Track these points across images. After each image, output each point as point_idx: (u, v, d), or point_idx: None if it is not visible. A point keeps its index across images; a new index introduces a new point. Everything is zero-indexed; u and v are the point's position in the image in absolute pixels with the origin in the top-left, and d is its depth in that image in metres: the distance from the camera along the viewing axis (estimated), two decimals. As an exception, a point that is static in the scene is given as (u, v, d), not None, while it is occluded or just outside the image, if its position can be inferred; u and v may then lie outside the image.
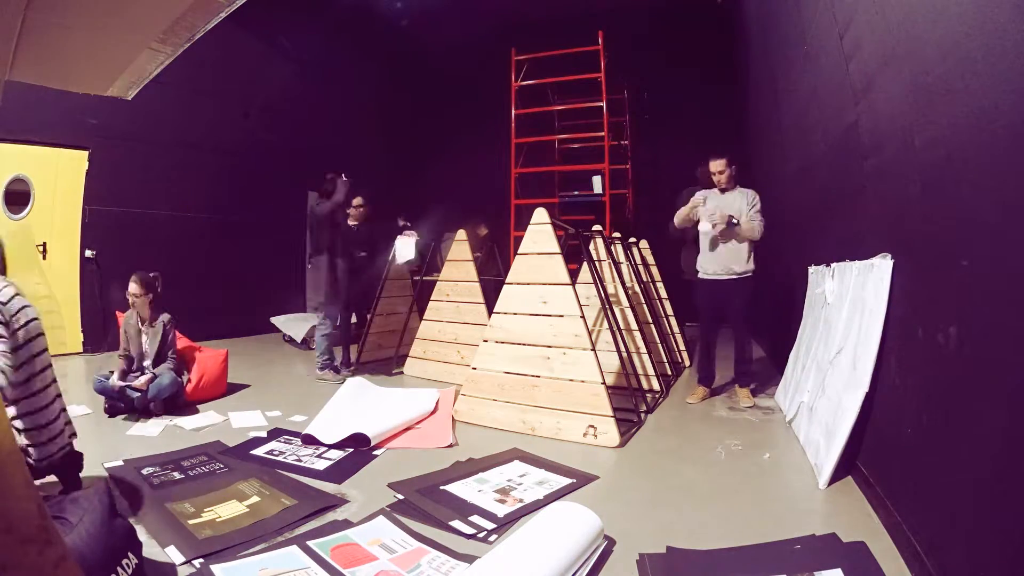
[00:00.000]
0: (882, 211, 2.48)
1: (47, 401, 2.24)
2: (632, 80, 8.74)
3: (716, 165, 3.98)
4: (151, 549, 1.92)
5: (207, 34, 1.56)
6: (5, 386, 2.07)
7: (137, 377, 3.74)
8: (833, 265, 3.48)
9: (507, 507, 2.36)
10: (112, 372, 3.76)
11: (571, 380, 3.37)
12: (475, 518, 2.24)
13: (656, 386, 4.51)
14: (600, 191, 7.52)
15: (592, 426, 3.25)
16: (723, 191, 4.01)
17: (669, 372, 5.05)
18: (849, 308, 2.88)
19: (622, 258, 4.99)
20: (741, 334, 4.12)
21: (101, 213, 6.04)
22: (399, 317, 5.82)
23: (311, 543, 2.00)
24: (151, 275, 3.94)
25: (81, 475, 2.44)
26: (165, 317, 3.94)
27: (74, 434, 2.40)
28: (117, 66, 1.72)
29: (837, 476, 2.59)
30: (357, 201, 5.37)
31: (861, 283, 2.73)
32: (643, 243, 6.34)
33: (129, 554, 1.59)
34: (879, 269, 2.50)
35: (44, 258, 5.68)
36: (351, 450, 3.07)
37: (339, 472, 2.77)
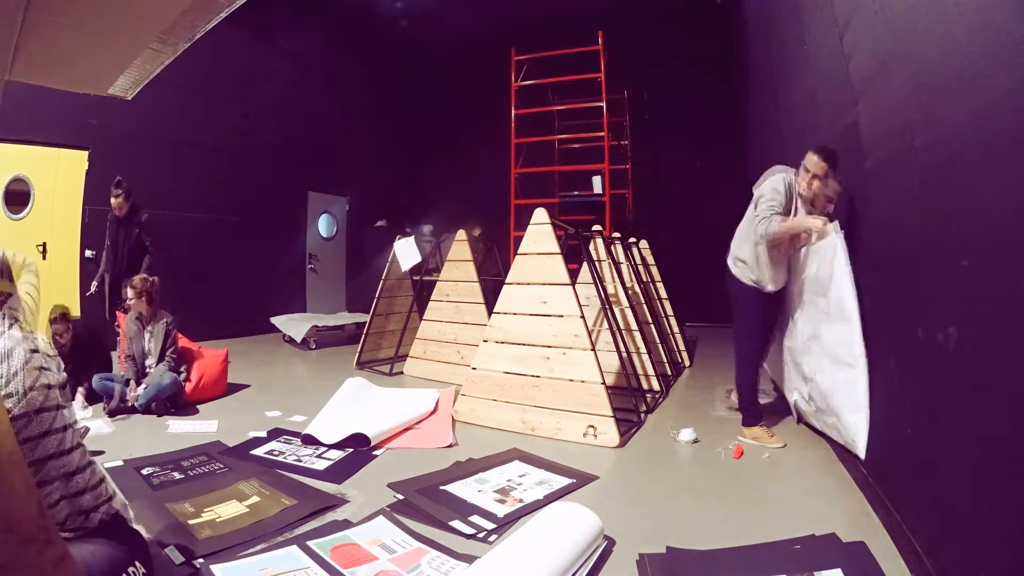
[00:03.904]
0: (881, 211, 2.48)
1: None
2: (632, 80, 8.74)
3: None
4: (151, 549, 1.91)
5: (207, 34, 1.57)
6: None
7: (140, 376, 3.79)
8: None
9: (507, 507, 2.36)
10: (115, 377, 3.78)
11: (571, 380, 3.37)
12: (475, 518, 2.24)
13: (656, 386, 4.51)
14: (600, 191, 7.51)
15: (592, 426, 3.25)
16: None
17: (669, 372, 5.05)
18: (807, 291, 3.03)
19: (622, 258, 4.99)
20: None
21: (101, 213, 6.03)
22: (399, 317, 5.82)
23: (311, 543, 2.00)
24: (148, 280, 3.96)
25: None
26: (167, 318, 3.95)
27: None
28: (117, 66, 1.72)
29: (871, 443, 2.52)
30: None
31: (814, 264, 2.88)
32: (643, 243, 6.35)
33: (136, 562, 1.55)
34: (829, 243, 2.71)
35: (44, 258, 5.68)
36: (351, 450, 3.07)
37: (339, 472, 2.77)
